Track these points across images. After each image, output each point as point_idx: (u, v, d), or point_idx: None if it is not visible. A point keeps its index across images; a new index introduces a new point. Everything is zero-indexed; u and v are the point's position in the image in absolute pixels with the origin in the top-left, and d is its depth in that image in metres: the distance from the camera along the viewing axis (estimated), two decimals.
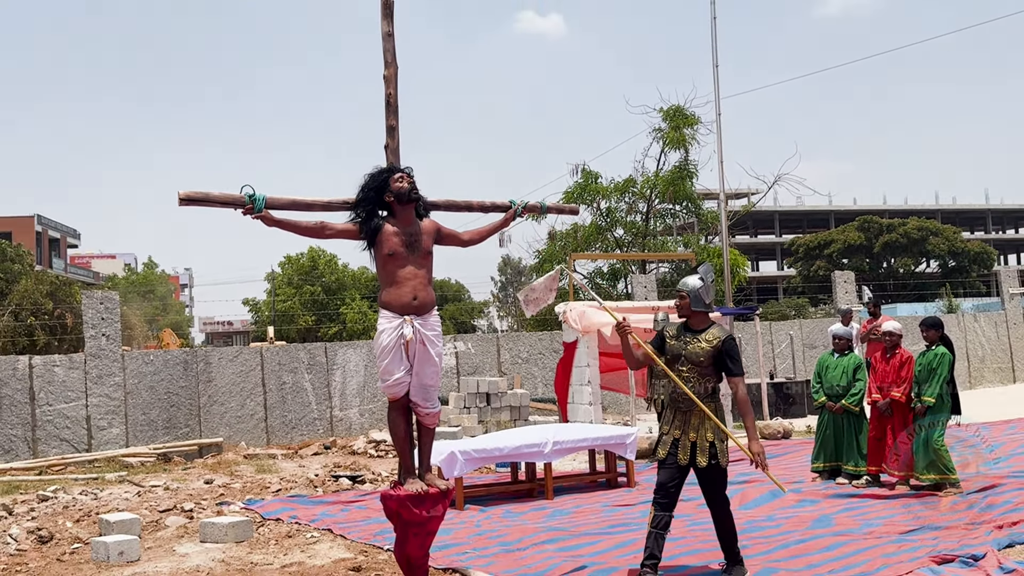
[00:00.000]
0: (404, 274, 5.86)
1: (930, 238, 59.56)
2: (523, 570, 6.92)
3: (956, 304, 34.71)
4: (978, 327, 24.64)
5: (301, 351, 18.47)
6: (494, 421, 15.87)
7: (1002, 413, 15.64)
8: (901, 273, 59.35)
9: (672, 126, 26.56)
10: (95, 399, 16.33)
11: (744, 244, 60.08)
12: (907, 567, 6.51)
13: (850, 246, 59.41)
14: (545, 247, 29.20)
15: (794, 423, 16.01)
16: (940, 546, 7.09)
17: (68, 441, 16.09)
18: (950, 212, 75.36)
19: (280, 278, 55.12)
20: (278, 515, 9.81)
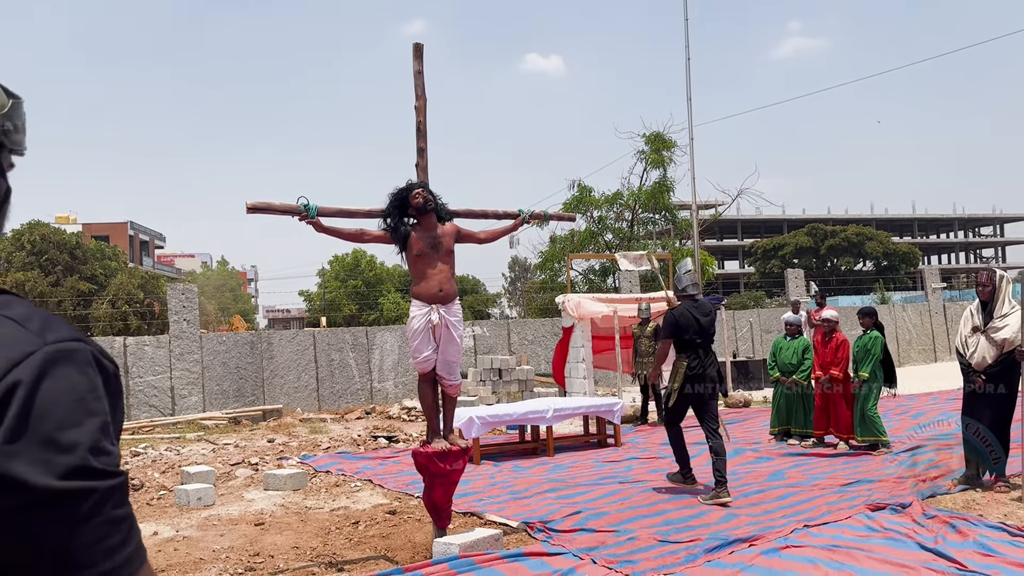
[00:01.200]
0: (431, 271, 5.87)
1: (866, 242, 59.27)
2: (529, 514, 6.91)
3: (888, 296, 34.48)
4: (906, 315, 24.55)
5: (346, 334, 18.48)
6: (505, 392, 15.85)
7: (926, 387, 15.59)
8: (843, 271, 59.02)
9: (653, 149, 26.47)
10: (178, 372, 16.37)
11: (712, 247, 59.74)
12: (847, 513, 6.48)
13: (800, 248, 59.17)
14: (547, 248, 29.11)
15: (753, 394, 15.99)
16: (874, 496, 7.06)
17: (155, 407, 16.13)
18: (883, 220, 74.92)
19: (329, 274, 55.29)
20: (328, 468, 9.83)
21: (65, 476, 0.89)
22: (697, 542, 5.89)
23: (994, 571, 4.93)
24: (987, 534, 5.66)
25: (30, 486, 0.87)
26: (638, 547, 5.87)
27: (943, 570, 5.03)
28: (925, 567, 5.10)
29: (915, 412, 12.63)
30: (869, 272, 59.13)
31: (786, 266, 40.22)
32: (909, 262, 60.38)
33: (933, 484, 7.41)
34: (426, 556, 5.79)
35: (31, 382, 0.90)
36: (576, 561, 5.54)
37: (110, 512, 0.93)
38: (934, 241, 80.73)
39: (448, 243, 5.95)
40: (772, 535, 5.92)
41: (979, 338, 7.15)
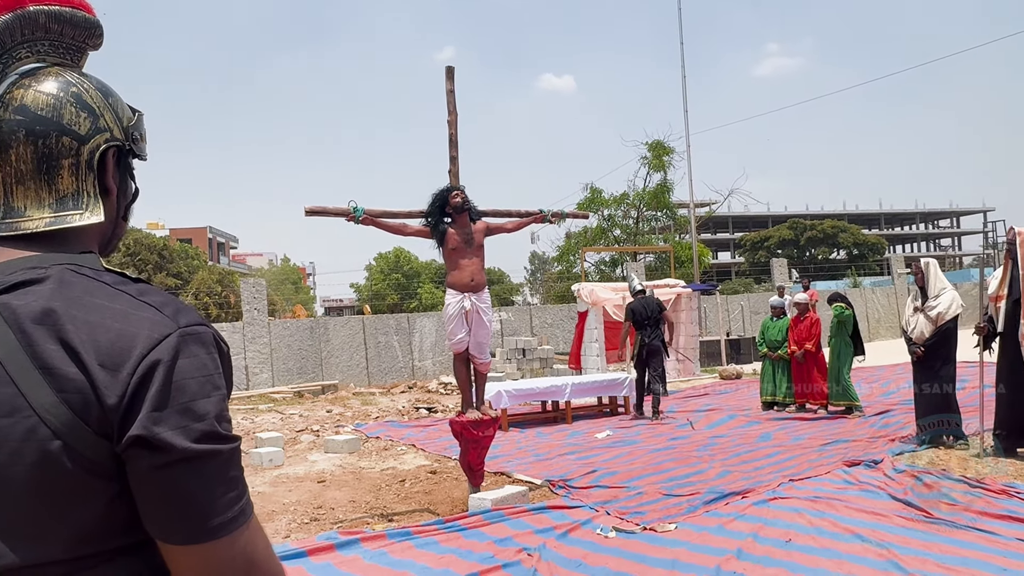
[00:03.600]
0: (464, 263, 5.84)
1: (840, 234, 58.45)
2: (551, 473, 6.89)
3: (859, 281, 34.00)
4: (875, 297, 24.22)
5: (390, 320, 18.52)
6: (528, 369, 15.82)
7: (893, 359, 15.38)
8: (819, 259, 58.21)
9: (654, 155, 26.28)
10: (250, 353, 16.50)
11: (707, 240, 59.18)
12: (826, 468, 6.40)
13: (783, 240, 58.46)
14: (564, 243, 29.05)
15: (743, 368, 15.84)
16: (850, 454, 6.97)
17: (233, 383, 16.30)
18: (854, 215, 73.86)
19: (375, 268, 55.63)
20: (377, 434, 9.86)
21: (199, 440, 0.93)
22: (697, 495, 5.84)
23: (957, 518, 4.85)
24: (951, 486, 5.55)
25: (174, 447, 0.90)
26: (646, 500, 5.84)
27: (912, 518, 4.95)
28: (896, 515, 5.02)
29: (884, 381, 12.47)
30: (842, 260, 58.28)
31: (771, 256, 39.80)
32: (877, 251, 59.54)
33: (901, 443, 7.30)
34: (463, 509, 5.79)
35: (170, 360, 0.93)
36: (592, 513, 5.50)
37: (231, 471, 0.97)
38: (898, 233, 79.52)
39: (479, 239, 5.92)
40: (762, 488, 5.85)
41: (919, 316, 7.11)
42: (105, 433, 0.90)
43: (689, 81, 22.35)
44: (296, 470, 7.83)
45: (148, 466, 0.90)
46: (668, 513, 5.41)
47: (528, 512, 5.52)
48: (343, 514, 5.99)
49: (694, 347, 15.58)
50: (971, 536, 4.52)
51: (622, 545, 4.78)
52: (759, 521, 5.04)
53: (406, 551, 4.82)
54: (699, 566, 4.28)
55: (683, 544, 4.72)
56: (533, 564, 4.49)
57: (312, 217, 5.43)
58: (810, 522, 4.95)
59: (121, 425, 0.90)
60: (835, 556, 4.33)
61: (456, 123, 6.13)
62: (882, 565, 4.13)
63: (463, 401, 6.03)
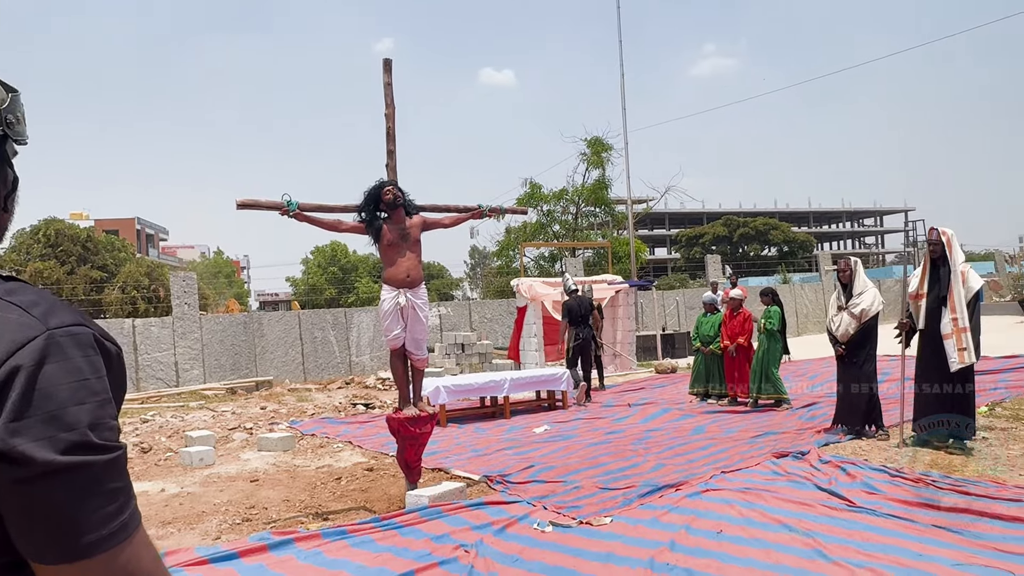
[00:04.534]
0: (399, 258, 5.78)
1: (771, 231, 60.11)
2: (489, 468, 6.88)
3: (789, 277, 35.07)
4: (804, 293, 24.97)
5: (327, 315, 18.21)
6: (468, 364, 15.79)
7: (820, 353, 15.88)
8: (751, 256, 59.81)
9: (593, 152, 26.55)
10: (181, 349, 16.01)
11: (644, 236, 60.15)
12: (756, 460, 6.58)
13: (717, 237, 59.84)
14: (503, 238, 29.10)
15: (678, 361, 16.15)
16: (778, 446, 7.17)
17: (162, 379, 15.77)
18: (784, 213, 76.09)
19: (312, 262, 54.73)
20: (313, 432, 9.69)
21: (67, 451, 0.86)
22: (632, 488, 5.92)
23: (877, 506, 5.05)
24: (872, 476, 5.78)
25: (34, 460, 0.84)
26: (582, 494, 5.89)
27: (835, 506, 5.13)
28: (821, 504, 5.20)
29: (811, 374, 12.83)
30: (773, 257, 60.05)
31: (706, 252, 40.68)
32: (806, 248, 61.45)
33: (827, 435, 7.54)
34: (400, 506, 5.74)
35: (32, 365, 0.87)
36: (529, 507, 5.53)
37: (109, 483, 0.90)
38: (826, 231, 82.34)
39: (415, 234, 5.86)
40: (695, 481, 5.98)
41: (843, 315, 7.36)
42: None
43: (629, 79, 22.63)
44: (228, 469, 7.63)
45: (10, 481, 0.84)
46: (604, 507, 5.47)
47: (465, 508, 5.51)
48: (277, 514, 5.87)
49: (631, 342, 15.81)
50: (890, 523, 4.71)
51: (558, 539, 4.82)
52: (692, 513, 5.15)
53: (341, 550, 4.75)
54: (633, 559, 4.34)
55: (618, 537, 4.78)
56: (470, 560, 4.49)
57: (244, 210, 5.29)
58: (740, 513, 5.08)
59: None
60: (763, 546, 4.45)
61: (394, 116, 6.06)
62: (807, 553, 4.26)
63: (400, 398, 5.98)
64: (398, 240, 5.75)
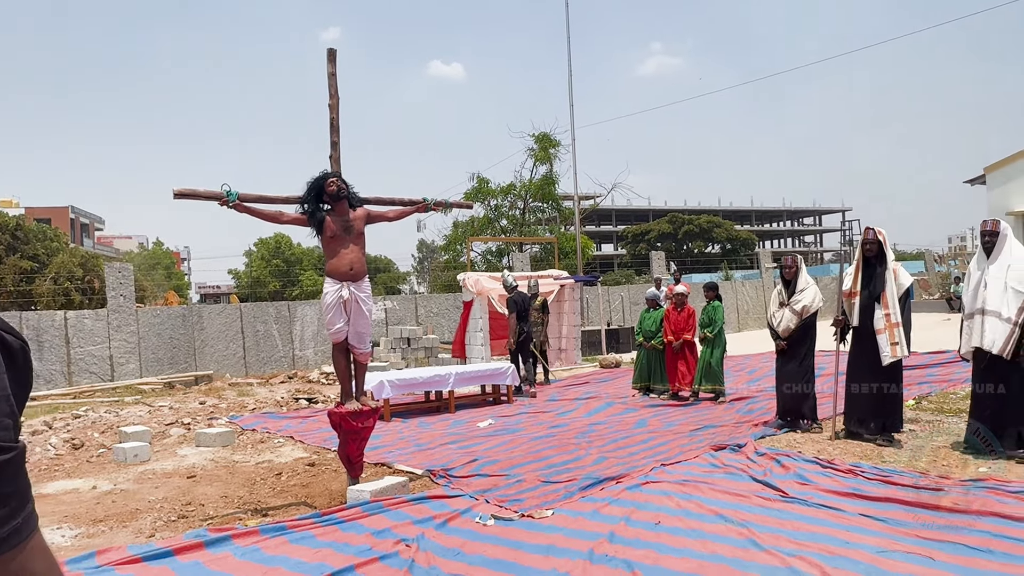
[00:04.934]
0: (343, 251, 5.70)
1: (715, 229, 61.21)
2: (432, 463, 6.87)
3: (731, 274, 35.85)
4: (745, 290, 25.53)
5: (270, 308, 17.87)
6: (413, 358, 15.71)
7: (759, 348, 16.27)
8: (696, 253, 60.87)
9: (541, 147, 26.65)
10: (116, 342, 15.51)
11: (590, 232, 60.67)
12: (695, 452, 6.72)
13: (662, 234, 60.65)
14: (451, 232, 29.00)
15: (623, 356, 16.36)
16: (717, 439, 7.32)
17: (95, 374, 15.25)
18: (728, 211, 77.66)
19: (255, 254, 53.57)
20: (254, 427, 9.51)
21: None
22: (573, 481, 5.98)
23: (809, 496, 5.21)
24: (804, 467, 5.96)
25: None
26: (525, 488, 5.93)
27: (769, 497, 5.28)
28: (756, 495, 5.34)
29: (750, 369, 13.14)
30: (717, 254, 61.23)
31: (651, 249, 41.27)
32: (748, 246, 62.82)
33: (763, 427, 7.74)
34: (342, 502, 5.69)
35: None
36: (472, 501, 5.54)
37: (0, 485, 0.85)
38: (768, 229, 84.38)
39: (359, 226, 5.80)
40: (636, 473, 6.08)
41: (784, 311, 7.57)
42: None
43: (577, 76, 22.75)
44: (164, 465, 7.44)
45: None
46: (546, 500, 5.52)
47: (407, 503, 5.50)
48: (214, 510, 5.75)
49: (576, 337, 15.95)
50: (821, 513, 4.87)
51: (500, 532, 4.84)
52: (631, 505, 5.23)
53: (280, 546, 4.69)
54: (573, 550, 4.40)
55: (559, 529, 4.83)
56: (411, 555, 4.48)
57: (183, 199, 5.15)
58: (678, 504, 5.19)
59: None
60: (700, 536, 4.55)
61: (338, 107, 5.97)
62: (742, 543, 4.38)
63: (342, 392, 5.91)
64: (341, 232, 5.68)
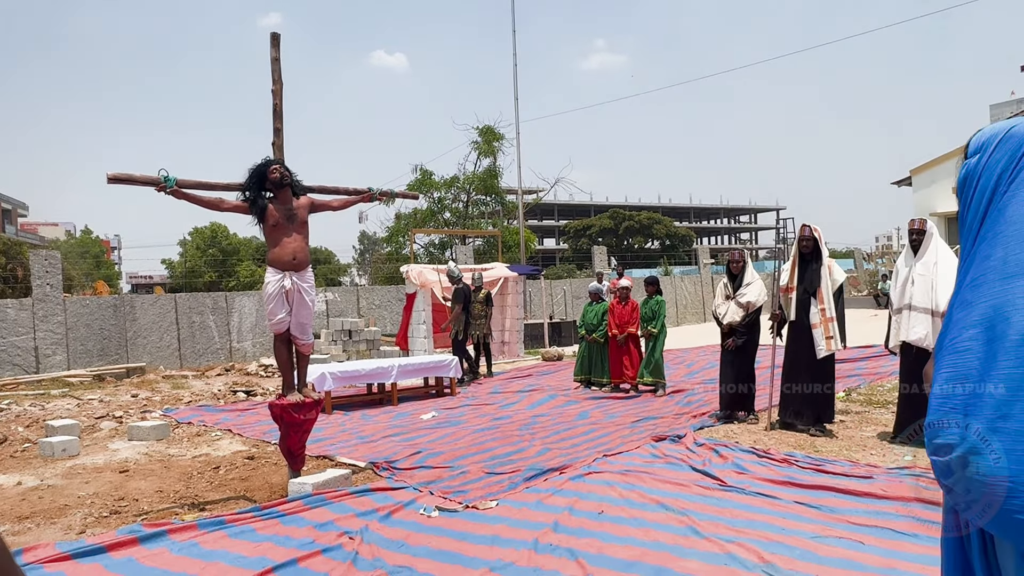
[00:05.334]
0: (286, 240, 5.59)
1: (655, 225, 62.28)
2: (375, 455, 6.81)
3: (670, 270, 36.48)
4: (684, 285, 26.04)
5: (207, 298, 17.38)
6: (355, 351, 15.52)
7: (697, 342, 16.66)
8: (635, 248, 61.81)
9: (485, 140, 26.58)
10: (41, 333, 14.85)
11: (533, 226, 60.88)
12: (636, 443, 6.83)
13: (603, 229, 61.36)
14: (393, 224, 28.72)
15: (565, 349, 16.51)
16: (657, 430, 7.45)
17: (19, 366, 14.58)
18: (667, 208, 79.05)
19: (190, 244, 52.00)
20: (190, 420, 9.26)
21: None
22: (517, 473, 6.02)
23: (746, 485, 5.36)
24: (742, 457, 6.13)
25: None
26: (469, 479, 5.93)
27: (709, 486, 5.41)
28: (695, 484, 5.47)
29: (688, 363, 13.42)
30: (656, 250, 62.28)
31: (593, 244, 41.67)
32: (686, 242, 64.13)
33: (702, 419, 7.93)
34: (283, 495, 5.59)
35: None
36: (416, 493, 5.52)
37: None
38: (705, 226, 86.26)
39: (302, 215, 5.69)
40: (579, 464, 6.14)
41: (730, 304, 7.76)
42: None
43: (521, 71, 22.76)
44: (94, 460, 7.17)
45: None
46: (490, 491, 5.53)
47: (350, 495, 5.44)
48: (149, 505, 5.57)
49: (519, 330, 16.01)
50: (758, 501, 5.01)
51: (444, 524, 4.83)
52: (575, 495, 5.29)
53: (219, 541, 4.58)
54: (518, 540, 4.42)
55: (504, 520, 4.85)
56: (354, 547, 4.43)
57: (117, 184, 4.96)
58: (620, 494, 5.27)
59: None
60: (642, 524, 4.64)
61: (281, 93, 5.85)
62: (682, 531, 4.48)
63: (284, 383, 5.80)
64: (284, 221, 5.57)
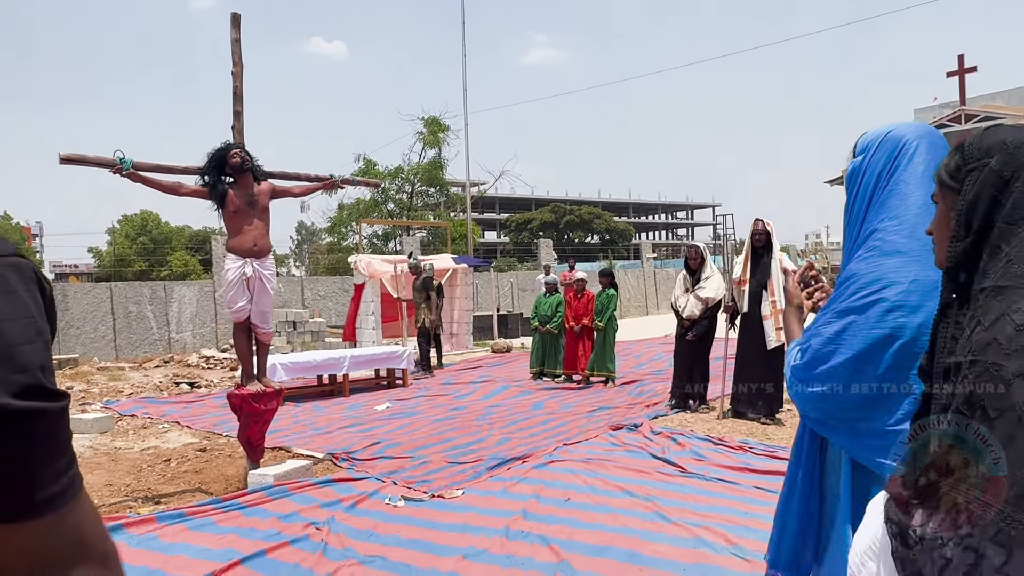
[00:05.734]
0: (246, 226, 5.45)
1: (595, 220, 63.00)
2: (333, 446, 6.72)
3: (613, 264, 37.01)
4: (627, 279, 26.39)
5: (144, 288, 16.76)
6: (299, 342, 15.23)
7: (641, 335, 16.96)
8: (576, 242, 62.36)
9: (430, 131, 26.40)
10: None
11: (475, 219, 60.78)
12: (594, 432, 6.92)
13: (544, 223, 61.66)
14: (335, 214, 28.27)
15: (512, 342, 16.57)
16: (613, 419, 7.57)
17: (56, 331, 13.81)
18: (607, 203, 79.95)
19: (119, 232, 50.00)
20: (133, 412, 8.94)
21: (21, 395, 0.73)
22: (480, 462, 6.03)
23: (705, 471, 5.50)
24: (699, 445, 6.28)
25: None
26: (431, 469, 5.91)
27: (670, 473, 5.54)
28: (657, 471, 5.58)
29: (635, 354, 13.66)
30: (596, 244, 63.01)
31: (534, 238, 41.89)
32: (625, 237, 65.07)
33: (655, 408, 8.09)
34: (238, 487, 5.47)
35: None
36: (379, 483, 5.47)
37: (60, 433, 0.78)
38: (644, 221, 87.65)
39: (264, 201, 5.55)
40: (540, 453, 6.19)
41: (688, 297, 7.92)
42: None
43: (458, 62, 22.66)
44: None
45: None
46: (454, 480, 5.53)
47: (313, 486, 5.36)
48: (99, 499, 5.37)
49: (468, 321, 15.99)
50: (718, 487, 5.15)
51: (412, 513, 4.82)
52: (539, 483, 5.34)
53: (179, 534, 4.46)
54: (489, 528, 4.44)
55: (471, 508, 4.86)
56: (323, 537, 4.38)
57: (69, 165, 4.74)
58: (585, 481, 5.34)
59: None
60: (609, 511, 4.71)
61: (241, 75, 5.68)
62: (649, 516, 4.57)
63: (243, 373, 5.67)
64: (245, 207, 5.42)
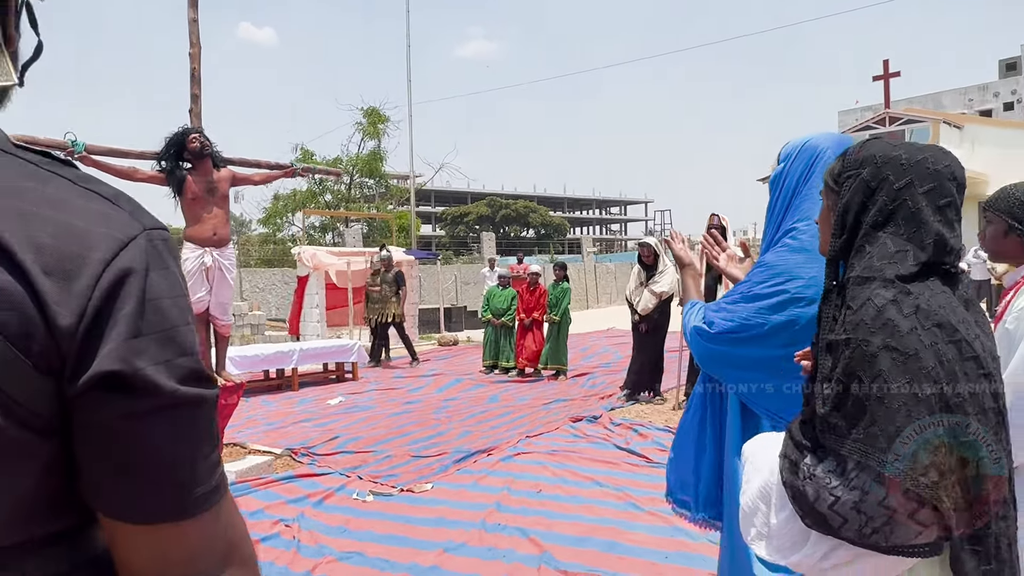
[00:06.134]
0: (206, 215, 5.27)
1: (530, 214, 63.35)
2: (290, 441, 6.53)
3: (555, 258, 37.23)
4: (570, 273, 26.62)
5: None
6: (238, 336, 14.78)
7: (585, 328, 17.12)
8: (511, 236, 62.54)
9: (370, 122, 26.02)
10: None
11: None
12: (555, 425, 6.95)
13: (481, 216, 61.63)
14: (270, 205, 27.58)
15: (458, 335, 16.49)
16: (571, 411, 7.62)
17: None
18: (543, 197, 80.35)
19: None
20: None
21: (185, 380, 0.68)
22: (445, 455, 5.98)
23: None
24: (660, 435, 6.37)
25: (160, 389, 0.66)
26: (396, 463, 5.83)
27: (636, 463, 5.62)
28: (623, 462, 5.65)
29: (582, 347, 13.74)
30: (532, 238, 63.31)
31: (470, 231, 41.79)
32: (560, 232, 65.66)
33: (610, 400, 8.18)
34: None
35: (143, 270, 0.67)
36: (344, 479, 5.37)
37: (213, 425, 0.73)
38: (579, 216, 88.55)
39: (224, 188, 5.37)
40: (505, 445, 6.18)
41: (643, 291, 8.04)
42: (51, 368, 0.63)
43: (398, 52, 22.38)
44: None
45: (120, 414, 0.65)
46: (421, 474, 5.47)
47: (276, 482, 5.24)
48: None
49: (413, 314, 15.83)
50: None
51: (383, 508, 4.75)
52: (509, 476, 5.33)
53: None
54: (465, 521, 4.42)
55: (443, 502, 4.82)
56: (294, 534, 4.28)
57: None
58: (554, 473, 5.36)
59: (80, 356, 0.64)
60: (581, 501, 4.75)
61: (199, 56, 5.48)
62: (622, 506, 4.63)
63: None
64: (204, 194, 5.23)
